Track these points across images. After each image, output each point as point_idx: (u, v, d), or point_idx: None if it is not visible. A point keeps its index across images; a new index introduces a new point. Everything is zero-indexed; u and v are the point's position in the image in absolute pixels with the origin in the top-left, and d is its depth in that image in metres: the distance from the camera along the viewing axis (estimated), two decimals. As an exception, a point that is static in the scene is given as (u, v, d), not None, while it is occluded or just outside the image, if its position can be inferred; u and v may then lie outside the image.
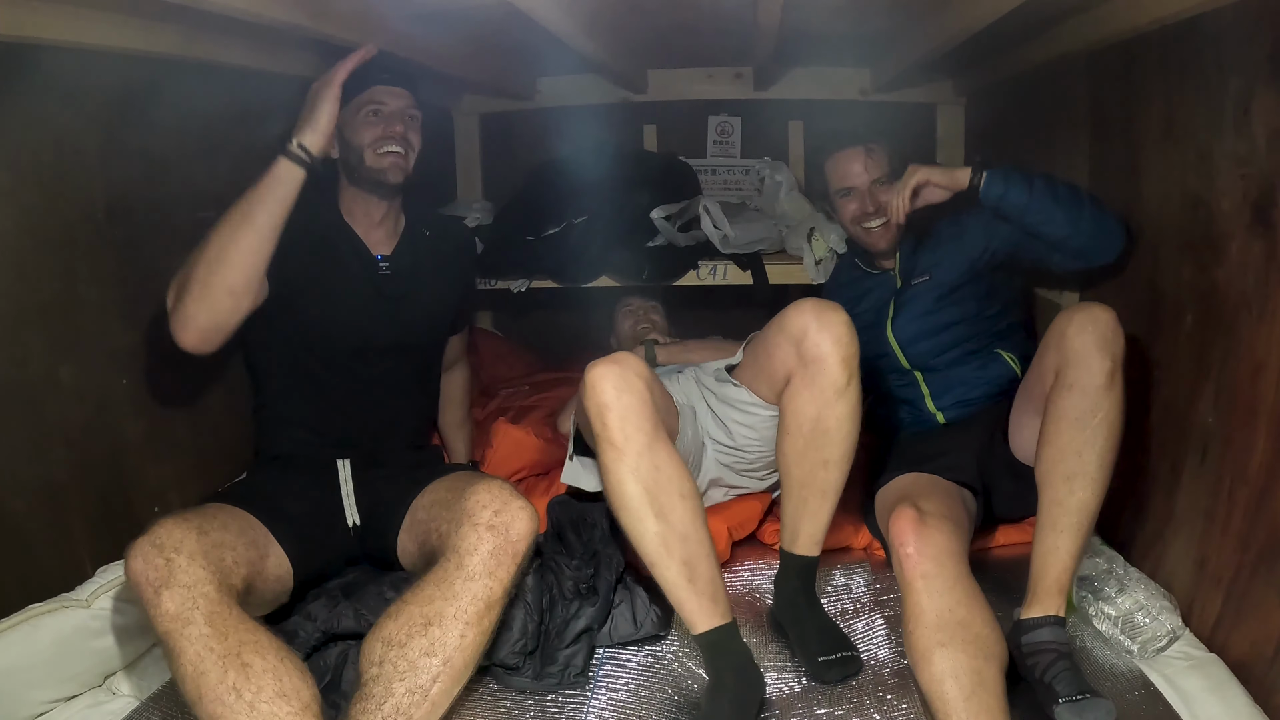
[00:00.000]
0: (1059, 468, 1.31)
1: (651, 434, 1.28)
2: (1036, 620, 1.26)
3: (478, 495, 1.26)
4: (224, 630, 1.08)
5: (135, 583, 1.10)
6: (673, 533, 1.25)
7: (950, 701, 1.15)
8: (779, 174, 2.44)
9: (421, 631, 1.14)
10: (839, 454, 1.37)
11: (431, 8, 1.54)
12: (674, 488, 1.26)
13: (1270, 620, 1.20)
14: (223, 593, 1.12)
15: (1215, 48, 1.31)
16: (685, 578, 1.24)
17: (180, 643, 1.07)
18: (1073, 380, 1.31)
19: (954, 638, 1.19)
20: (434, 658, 1.13)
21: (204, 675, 1.05)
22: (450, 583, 1.19)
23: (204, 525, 1.19)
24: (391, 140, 1.52)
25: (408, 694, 1.11)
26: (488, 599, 1.19)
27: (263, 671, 1.06)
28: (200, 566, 1.12)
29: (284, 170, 1.36)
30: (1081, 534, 1.28)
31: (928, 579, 1.23)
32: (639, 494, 1.25)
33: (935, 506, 1.36)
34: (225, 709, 1.04)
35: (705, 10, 1.85)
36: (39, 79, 1.29)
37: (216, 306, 1.34)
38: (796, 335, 1.37)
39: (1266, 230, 1.21)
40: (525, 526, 1.24)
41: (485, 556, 1.20)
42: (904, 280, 1.79)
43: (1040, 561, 1.29)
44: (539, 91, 2.72)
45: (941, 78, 2.56)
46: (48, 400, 1.34)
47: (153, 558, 1.11)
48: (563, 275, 2.21)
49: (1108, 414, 1.30)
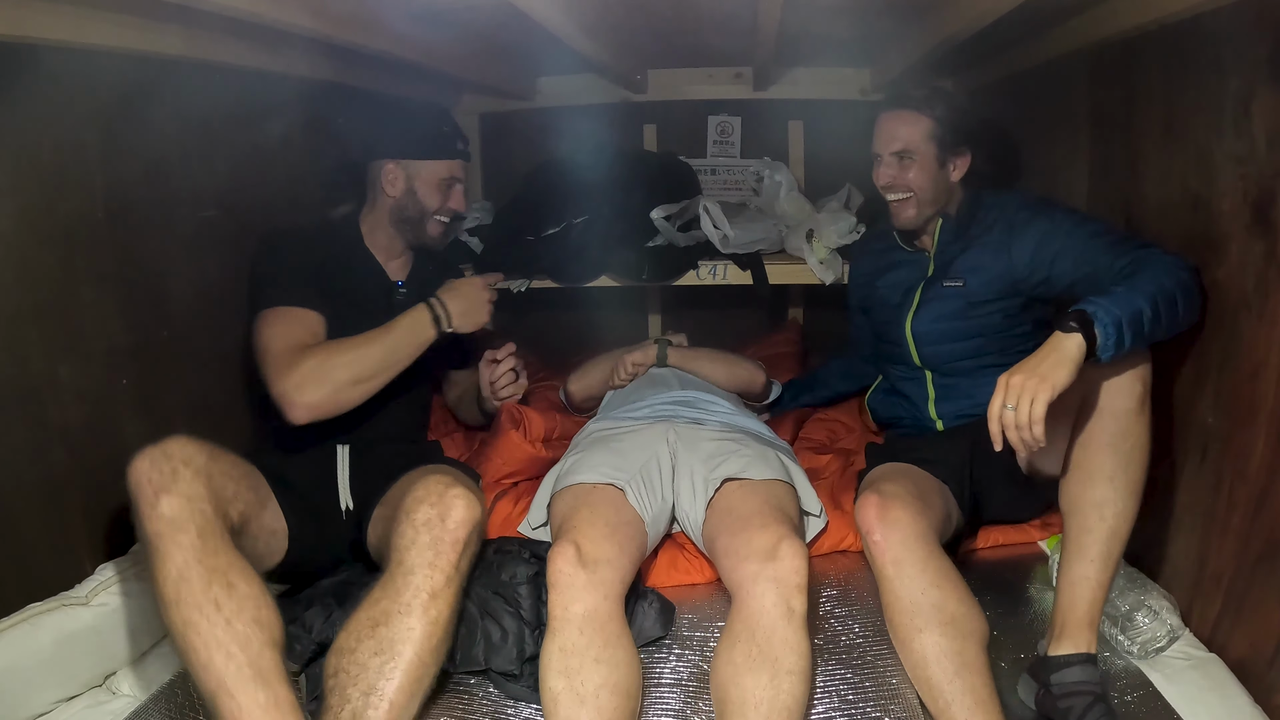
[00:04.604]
0: (1089, 494, 1.25)
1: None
2: (1066, 658, 1.20)
3: (415, 492, 1.27)
4: (214, 548, 1.11)
5: (136, 482, 1.12)
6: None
7: (935, 685, 1.16)
8: (779, 174, 2.44)
9: (370, 634, 1.15)
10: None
11: (431, 8, 1.54)
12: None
13: (1270, 620, 1.20)
14: (219, 516, 1.16)
15: (1215, 48, 1.31)
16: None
17: (169, 546, 1.09)
18: (1104, 404, 1.25)
19: (930, 621, 1.19)
20: (382, 656, 1.13)
21: (187, 581, 1.07)
22: (392, 580, 1.19)
23: (215, 453, 1.23)
24: (450, 214, 1.74)
25: (362, 696, 1.10)
26: (430, 589, 1.18)
27: (245, 596, 1.09)
28: (203, 485, 1.15)
29: (429, 334, 1.58)
30: (1112, 563, 1.23)
31: (898, 565, 1.24)
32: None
33: (899, 487, 1.34)
34: (203, 618, 1.06)
35: (705, 10, 1.85)
36: (39, 79, 1.29)
37: (340, 408, 1.48)
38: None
39: (1266, 230, 1.21)
40: (462, 514, 1.24)
41: (423, 549, 1.20)
42: (937, 268, 1.67)
43: (1068, 593, 1.23)
44: (539, 91, 2.72)
45: (941, 78, 2.56)
46: (48, 400, 1.34)
47: (160, 463, 1.14)
48: (563, 275, 2.21)
49: (1139, 439, 1.25)
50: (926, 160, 1.59)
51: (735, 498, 1.46)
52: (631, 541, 1.39)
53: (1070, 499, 1.28)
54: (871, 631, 1.40)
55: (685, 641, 1.39)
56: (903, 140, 1.60)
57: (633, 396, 1.85)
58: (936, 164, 1.60)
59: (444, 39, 1.83)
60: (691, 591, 1.55)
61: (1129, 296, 1.20)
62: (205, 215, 1.68)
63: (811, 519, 1.61)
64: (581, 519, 1.37)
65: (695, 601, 1.51)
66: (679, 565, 1.59)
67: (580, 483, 1.50)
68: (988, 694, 1.16)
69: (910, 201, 1.63)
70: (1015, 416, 1.17)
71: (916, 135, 1.59)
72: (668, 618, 1.42)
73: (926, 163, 1.59)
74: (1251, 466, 1.25)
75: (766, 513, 1.37)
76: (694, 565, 1.59)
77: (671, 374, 1.94)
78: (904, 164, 1.61)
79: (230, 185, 1.74)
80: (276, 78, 1.69)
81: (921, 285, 1.69)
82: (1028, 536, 1.68)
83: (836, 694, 1.27)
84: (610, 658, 1.19)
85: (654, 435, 1.64)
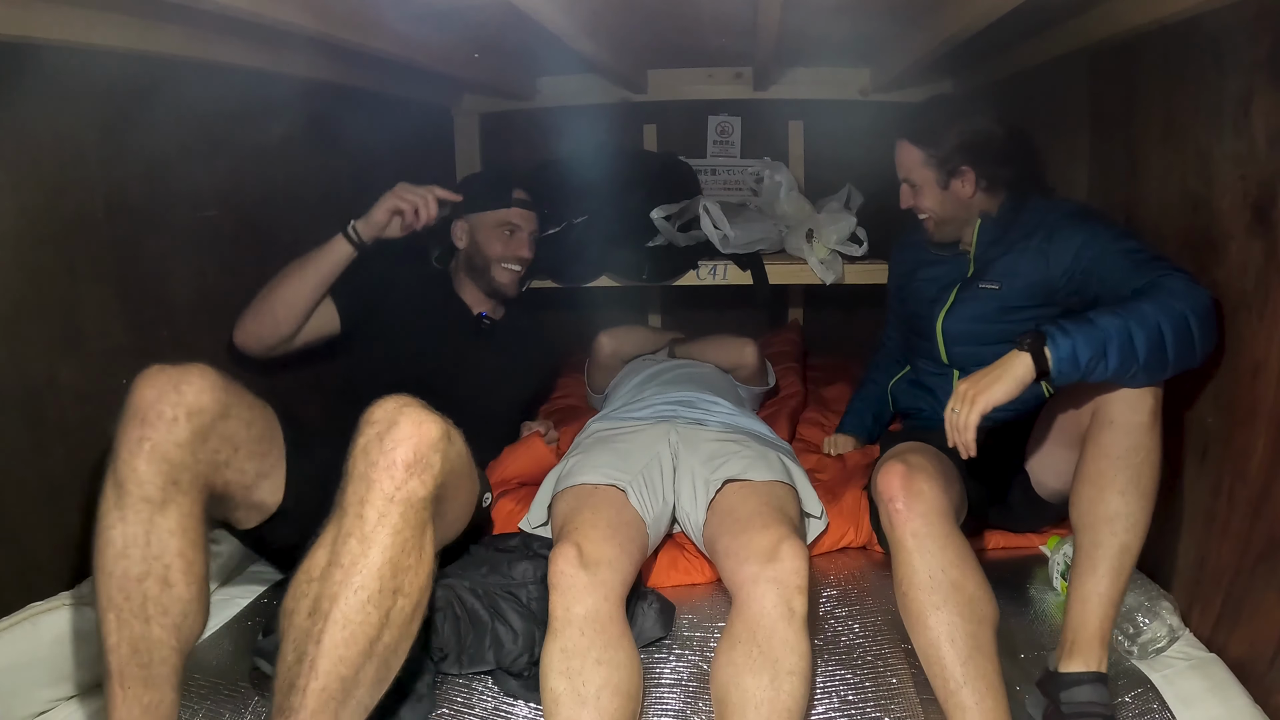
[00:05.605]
0: (1099, 509, 1.23)
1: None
2: (1076, 676, 1.18)
3: (364, 414, 1.08)
4: (171, 528, 1.06)
5: (132, 406, 1.09)
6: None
7: (948, 665, 1.15)
8: (779, 174, 2.44)
9: (305, 591, 1.01)
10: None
11: (431, 8, 1.54)
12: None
13: (1270, 620, 1.20)
14: (197, 486, 1.11)
15: (1215, 48, 1.31)
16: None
17: (126, 509, 1.05)
18: (1115, 416, 1.23)
19: (948, 600, 1.18)
20: (314, 616, 0.98)
21: (126, 560, 1.04)
22: (326, 527, 1.04)
23: (235, 401, 1.18)
24: (516, 261, 1.92)
25: (295, 663, 0.96)
26: (361, 533, 0.99)
27: (176, 599, 1.06)
28: (196, 446, 1.10)
29: (338, 245, 1.69)
30: (1123, 579, 1.21)
31: (918, 537, 1.22)
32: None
33: (925, 461, 1.33)
34: (126, 604, 1.03)
35: (705, 10, 1.86)
36: (39, 79, 1.29)
37: (264, 328, 1.68)
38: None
39: (1266, 230, 1.21)
40: (406, 430, 1.04)
41: (356, 481, 1.03)
42: (977, 269, 1.66)
43: (1078, 609, 1.21)
44: (539, 91, 2.72)
45: (941, 77, 2.56)
46: (48, 400, 1.34)
47: (165, 399, 1.09)
48: (563, 275, 2.21)
49: (1150, 453, 1.23)
50: (929, 185, 1.65)
51: (736, 499, 1.46)
52: (633, 542, 1.39)
53: (1081, 513, 1.26)
54: (871, 631, 1.40)
55: (685, 642, 1.39)
56: (905, 169, 1.68)
57: (635, 397, 1.85)
58: (939, 187, 1.64)
59: (444, 39, 1.83)
60: (692, 592, 1.55)
61: (1102, 324, 1.20)
62: (205, 215, 1.68)
63: (812, 520, 1.61)
64: (583, 520, 1.37)
65: (695, 602, 1.51)
66: (679, 565, 1.59)
67: (582, 483, 1.50)
68: (997, 680, 1.15)
69: (929, 220, 1.70)
70: (955, 419, 1.25)
71: (913, 164, 1.66)
72: (668, 618, 1.42)
73: (929, 187, 1.65)
74: (1251, 466, 1.25)
75: (767, 514, 1.37)
76: (694, 566, 1.59)
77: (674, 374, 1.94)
78: (913, 190, 1.69)
79: (230, 185, 1.74)
80: (276, 78, 1.69)
81: (959, 284, 1.69)
82: (1028, 541, 1.68)
83: (837, 694, 1.27)
84: (611, 659, 1.19)
85: (655, 436, 1.64)
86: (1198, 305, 1.23)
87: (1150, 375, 1.22)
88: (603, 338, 2.13)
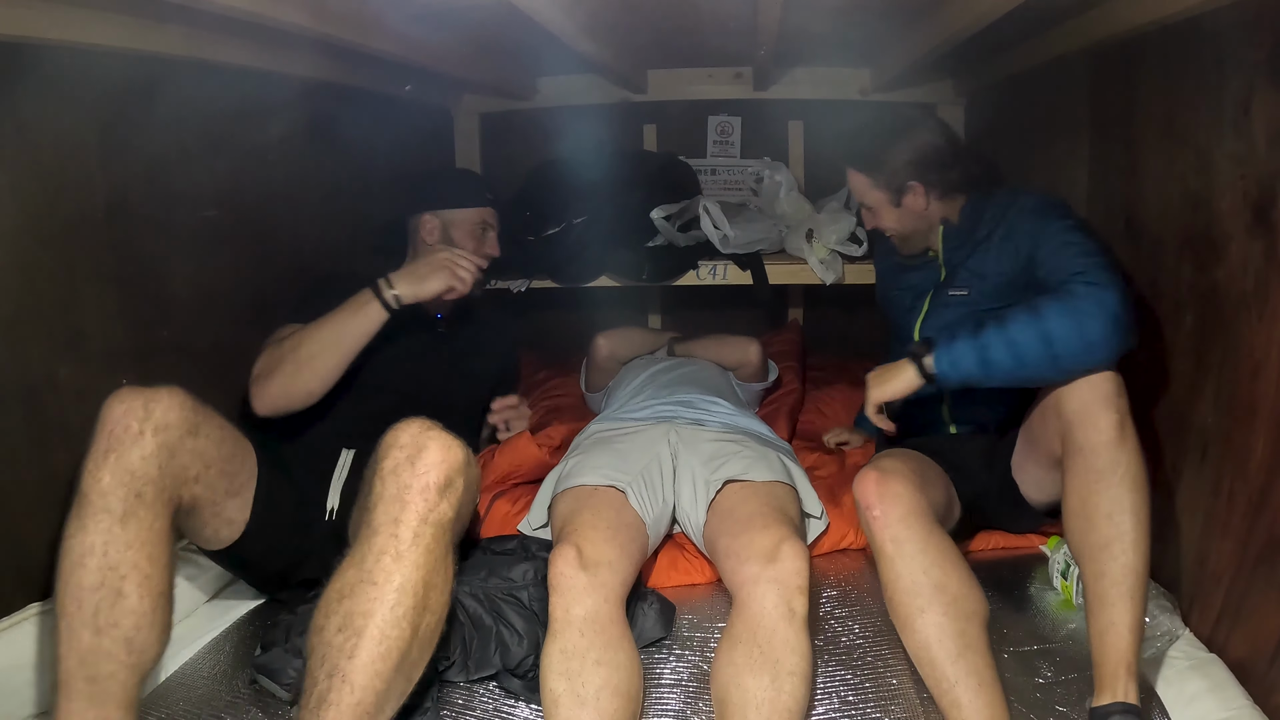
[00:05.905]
0: (1091, 538, 1.21)
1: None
2: (1104, 710, 1.14)
3: (387, 437, 1.14)
4: (129, 540, 1.06)
5: (101, 421, 1.10)
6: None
7: (939, 665, 1.16)
8: (778, 174, 2.44)
9: (336, 608, 1.03)
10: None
11: (431, 8, 1.54)
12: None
13: (1270, 620, 1.20)
14: (161, 498, 1.11)
15: (1215, 48, 1.31)
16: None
17: (87, 519, 1.06)
18: (1080, 441, 1.23)
19: (932, 602, 1.19)
20: (345, 632, 1.00)
21: (82, 568, 1.04)
22: (359, 545, 1.08)
23: (204, 423, 1.20)
24: (487, 260, 1.80)
25: (327, 679, 0.99)
26: (394, 550, 1.04)
27: (129, 611, 1.05)
28: (162, 460, 1.11)
29: (374, 311, 1.51)
30: (1136, 601, 1.18)
31: (898, 543, 1.23)
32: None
33: (899, 464, 1.33)
34: (78, 612, 1.03)
35: (705, 10, 1.86)
36: (39, 79, 1.29)
37: (293, 397, 1.50)
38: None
39: (1266, 230, 1.21)
40: (435, 455, 1.09)
41: (388, 503, 1.07)
42: (948, 273, 1.65)
43: (1097, 644, 1.18)
44: (539, 91, 2.72)
45: (941, 78, 2.57)
46: (48, 400, 1.34)
47: (133, 415, 1.11)
48: (563, 275, 2.21)
49: (1128, 468, 1.20)
50: (883, 206, 1.66)
51: (736, 499, 1.46)
52: (633, 543, 1.39)
53: (1076, 546, 1.25)
54: (871, 631, 1.40)
55: (685, 642, 1.39)
56: (858, 194, 1.70)
57: (634, 397, 1.85)
58: (892, 206, 1.65)
59: (444, 39, 1.83)
60: (692, 592, 1.55)
61: (986, 335, 1.30)
62: (205, 215, 1.68)
63: (813, 521, 1.61)
64: (583, 521, 1.37)
65: (695, 602, 1.51)
66: (679, 566, 1.59)
67: (582, 485, 1.50)
68: (991, 675, 1.16)
69: (894, 236, 1.71)
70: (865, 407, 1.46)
71: (863, 189, 1.67)
72: (668, 618, 1.41)
73: (884, 208, 1.66)
74: (1251, 466, 1.25)
75: (767, 514, 1.37)
76: (694, 566, 1.59)
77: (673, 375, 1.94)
78: (869, 212, 1.70)
79: (230, 185, 1.74)
80: (276, 78, 1.69)
81: (931, 292, 1.69)
82: (1028, 541, 1.68)
83: (837, 695, 1.27)
84: (611, 660, 1.19)
85: (655, 436, 1.64)
86: (1102, 308, 1.25)
87: (1049, 376, 1.29)
88: (600, 339, 2.13)
